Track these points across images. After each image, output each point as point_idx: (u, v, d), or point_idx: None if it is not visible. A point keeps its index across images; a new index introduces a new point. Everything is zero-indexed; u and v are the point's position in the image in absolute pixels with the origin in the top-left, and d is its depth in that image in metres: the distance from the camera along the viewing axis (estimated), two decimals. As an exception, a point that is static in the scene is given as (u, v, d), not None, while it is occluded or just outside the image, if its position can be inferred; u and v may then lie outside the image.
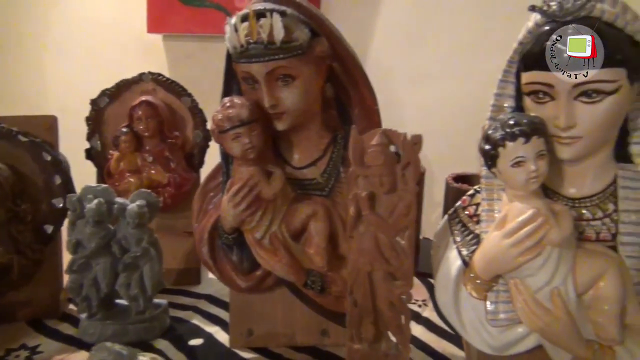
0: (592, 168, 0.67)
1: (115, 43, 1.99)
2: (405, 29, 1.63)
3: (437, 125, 1.50)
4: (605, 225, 0.66)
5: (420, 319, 0.93)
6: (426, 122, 1.52)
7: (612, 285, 0.62)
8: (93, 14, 1.99)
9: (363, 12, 1.68)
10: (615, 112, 0.62)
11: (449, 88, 1.55)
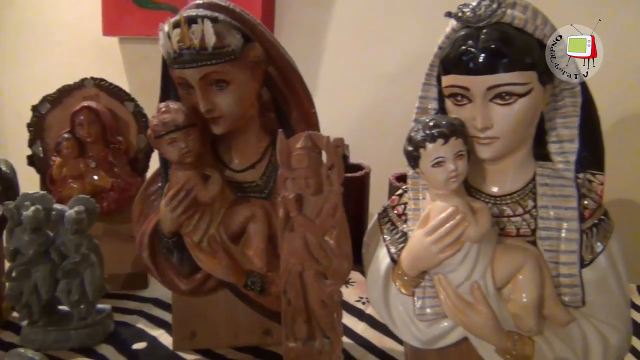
0: (512, 167, 0.69)
1: (71, 46, 1.97)
2: (360, 28, 1.65)
3: (392, 125, 1.53)
4: (525, 221, 0.69)
5: (363, 316, 0.96)
6: (381, 121, 1.54)
7: (530, 278, 0.65)
8: (48, 17, 1.96)
9: (317, 12, 1.70)
10: (529, 113, 0.64)
11: (404, 87, 1.58)
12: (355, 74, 1.64)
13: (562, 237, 0.68)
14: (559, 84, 0.67)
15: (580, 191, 0.69)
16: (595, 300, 0.68)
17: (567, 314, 0.66)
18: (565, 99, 0.69)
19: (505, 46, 0.61)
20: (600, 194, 0.71)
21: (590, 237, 0.68)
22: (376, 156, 1.36)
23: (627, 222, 1.27)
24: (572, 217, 0.68)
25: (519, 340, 0.65)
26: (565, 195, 0.69)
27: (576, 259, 0.67)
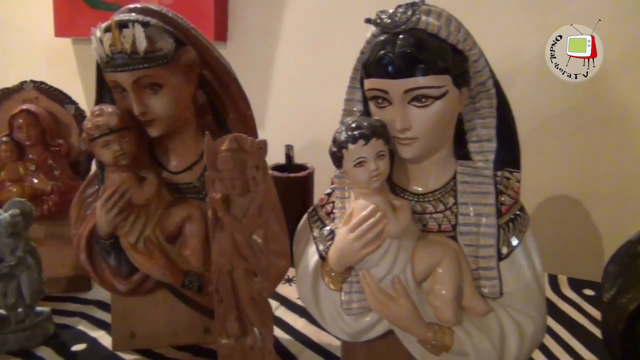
0: (433, 166, 0.73)
1: (23, 48, 1.94)
2: (312, 30, 1.68)
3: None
4: (446, 218, 0.72)
5: (304, 313, 0.98)
6: (331, 122, 1.57)
7: (448, 271, 0.68)
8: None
9: (270, 13, 1.72)
10: (445, 114, 0.68)
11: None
12: (306, 76, 1.67)
13: (480, 232, 0.71)
14: (475, 86, 0.71)
15: (497, 188, 0.72)
16: (512, 291, 0.71)
17: (485, 305, 0.70)
18: (482, 101, 0.72)
19: (420, 51, 0.64)
20: (517, 191, 0.74)
21: (507, 232, 0.72)
22: (324, 156, 1.39)
23: (548, 217, 1.35)
24: (490, 213, 0.71)
25: (438, 331, 0.68)
26: (484, 192, 0.72)
27: (494, 253, 0.71)
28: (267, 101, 1.74)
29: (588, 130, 1.29)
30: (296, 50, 1.69)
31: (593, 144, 1.29)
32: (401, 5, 0.67)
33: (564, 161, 1.35)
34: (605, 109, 1.27)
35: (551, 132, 1.33)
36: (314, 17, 1.66)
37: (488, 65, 0.71)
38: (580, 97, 1.31)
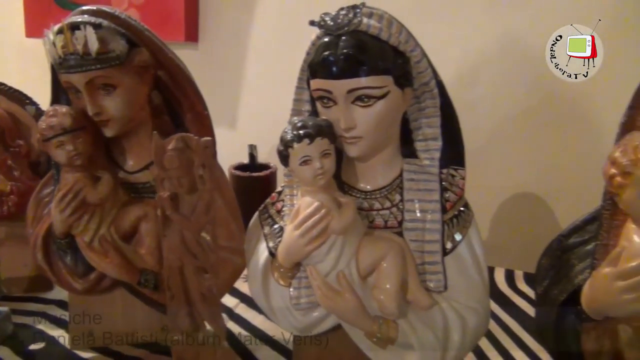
0: (380, 164, 0.75)
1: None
2: (283, 30, 1.69)
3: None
4: (393, 214, 0.74)
5: (263, 309, 1.00)
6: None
7: (392, 266, 0.70)
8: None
9: (241, 15, 1.73)
10: (388, 114, 0.69)
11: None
12: (277, 76, 1.68)
13: (426, 228, 0.73)
14: (419, 86, 0.73)
15: (443, 185, 0.75)
16: (456, 285, 0.73)
17: (429, 299, 0.72)
18: (427, 101, 0.74)
19: (361, 52, 0.66)
20: (461, 187, 0.76)
21: (451, 228, 0.74)
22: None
23: (510, 214, 1.38)
24: (435, 209, 0.73)
25: (383, 324, 0.70)
26: (429, 190, 0.74)
27: (439, 248, 0.73)
28: (238, 101, 1.75)
29: (550, 128, 1.32)
30: (267, 50, 1.71)
31: (555, 142, 1.32)
32: (343, 8, 0.69)
33: (526, 159, 1.38)
34: (566, 108, 1.30)
35: (513, 130, 1.36)
36: (285, 18, 1.68)
37: (431, 66, 0.73)
38: (542, 96, 1.34)
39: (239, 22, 1.72)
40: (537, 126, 1.35)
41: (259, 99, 1.70)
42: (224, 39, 1.77)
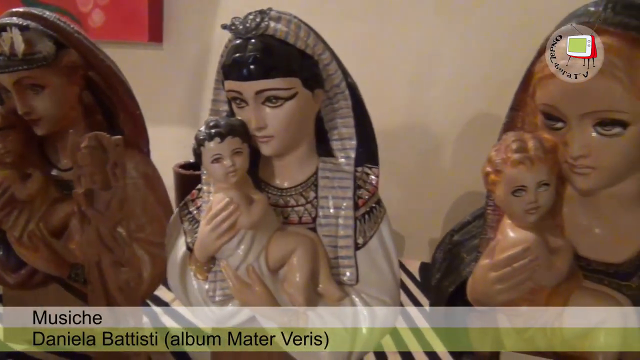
0: (295, 162, 0.77)
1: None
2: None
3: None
4: (307, 210, 0.77)
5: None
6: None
7: (301, 260, 0.73)
8: None
9: (204, 17, 1.76)
10: (297, 114, 0.72)
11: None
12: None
13: (339, 223, 0.76)
14: (330, 88, 0.76)
15: (356, 183, 0.78)
16: (368, 278, 0.76)
17: (339, 292, 0.75)
18: (340, 102, 0.77)
19: (268, 55, 0.69)
20: (375, 185, 0.79)
21: (363, 223, 0.77)
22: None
23: (460, 212, 1.41)
24: (348, 206, 0.76)
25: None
26: (343, 187, 0.77)
27: (351, 243, 0.76)
28: (201, 101, 1.78)
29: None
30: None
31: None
32: (252, 13, 0.72)
33: (480, 158, 1.41)
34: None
35: (466, 131, 1.39)
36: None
37: (341, 68, 0.76)
38: (494, 98, 1.38)
39: (202, 22, 1.75)
40: (489, 127, 1.38)
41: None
42: (188, 39, 1.79)
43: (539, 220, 0.58)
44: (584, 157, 0.55)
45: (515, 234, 0.58)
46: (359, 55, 1.62)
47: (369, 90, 1.69)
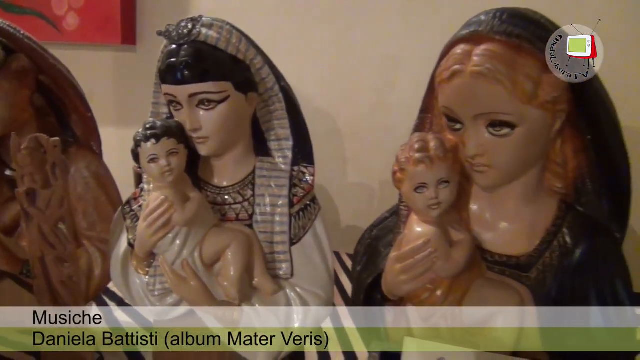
0: (232, 162, 0.81)
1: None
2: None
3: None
4: (244, 208, 0.81)
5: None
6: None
7: (235, 255, 0.77)
8: None
9: (178, 16, 1.79)
10: (230, 116, 0.76)
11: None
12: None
13: (275, 220, 0.80)
14: (265, 91, 0.80)
15: (292, 182, 0.82)
16: (302, 272, 0.80)
17: (273, 285, 0.79)
18: (275, 104, 0.81)
19: (198, 60, 0.72)
20: (310, 183, 0.83)
21: (298, 220, 0.81)
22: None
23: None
24: (284, 203, 0.80)
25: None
26: (280, 186, 0.81)
27: (287, 239, 0.80)
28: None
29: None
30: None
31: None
32: (184, 20, 0.76)
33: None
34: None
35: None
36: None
37: (273, 72, 0.80)
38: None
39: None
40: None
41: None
42: (161, 41, 1.82)
43: (444, 215, 0.62)
44: (480, 156, 0.59)
45: (419, 228, 0.61)
46: (325, 57, 1.66)
47: (336, 91, 1.76)
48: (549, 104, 0.56)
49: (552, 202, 0.64)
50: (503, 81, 0.55)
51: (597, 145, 0.61)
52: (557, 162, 0.63)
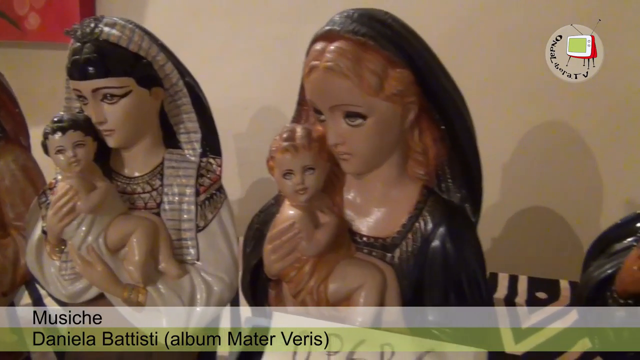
0: (141, 153, 0.85)
1: None
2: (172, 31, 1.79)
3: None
4: (152, 197, 0.86)
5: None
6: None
7: (140, 240, 0.81)
8: None
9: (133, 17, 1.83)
10: (134, 110, 0.80)
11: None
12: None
13: (183, 208, 0.85)
14: (170, 87, 0.85)
15: (200, 172, 0.87)
16: (207, 257, 0.85)
17: (178, 269, 0.84)
18: (182, 99, 0.86)
19: (100, 57, 0.77)
20: (217, 174, 0.88)
21: (204, 208, 0.86)
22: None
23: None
24: (191, 193, 0.85)
25: (133, 290, 0.81)
26: (187, 176, 0.86)
27: (193, 226, 0.85)
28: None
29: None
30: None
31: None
32: (88, 19, 0.80)
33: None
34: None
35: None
36: (175, 19, 1.80)
37: (178, 68, 0.85)
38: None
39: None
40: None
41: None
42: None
43: (315, 200, 0.67)
44: (341, 145, 0.64)
45: (289, 212, 0.66)
46: (277, 55, 1.70)
47: (288, 90, 1.76)
48: (396, 96, 0.61)
49: (415, 188, 0.69)
50: (350, 76, 0.59)
51: (450, 135, 0.66)
52: (418, 150, 0.68)
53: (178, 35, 1.77)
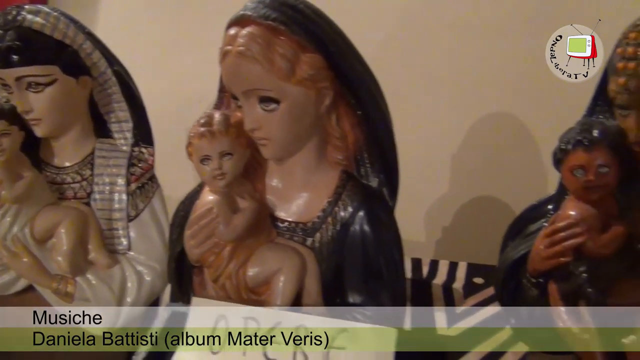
0: (70, 143, 0.85)
1: None
2: (127, 29, 1.78)
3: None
4: (82, 187, 0.85)
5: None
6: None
7: (67, 231, 0.80)
8: None
9: (85, 14, 1.81)
10: (60, 99, 0.79)
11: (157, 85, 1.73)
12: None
13: (114, 198, 0.85)
14: (99, 75, 0.84)
15: (131, 161, 0.86)
16: (139, 246, 0.85)
17: (108, 259, 0.83)
18: (112, 87, 0.85)
19: (22, 45, 0.76)
20: (150, 163, 0.88)
21: (135, 197, 0.86)
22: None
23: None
24: (122, 182, 0.85)
25: (62, 281, 0.80)
26: (118, 165, 0.86)
27: (124, 215, 0.85)
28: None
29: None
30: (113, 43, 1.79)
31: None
32: (10, 7, 0.79)
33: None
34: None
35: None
36: (127, 13, 1.78)
37: (105, 56, 0.84)
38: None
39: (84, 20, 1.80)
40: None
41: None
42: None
43: (235, 186, 0.67)
44: (258, 130, 0.64)
45: (208, 197, 0.67)
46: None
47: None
48: (307, 81, 0.62)
49: (334, 173, 0.69)
50: (261, 60, 0.60)
51: (366, 120, 0.67)
52: (336, 136, 0.68)
53: (132, 29, 1.77)
